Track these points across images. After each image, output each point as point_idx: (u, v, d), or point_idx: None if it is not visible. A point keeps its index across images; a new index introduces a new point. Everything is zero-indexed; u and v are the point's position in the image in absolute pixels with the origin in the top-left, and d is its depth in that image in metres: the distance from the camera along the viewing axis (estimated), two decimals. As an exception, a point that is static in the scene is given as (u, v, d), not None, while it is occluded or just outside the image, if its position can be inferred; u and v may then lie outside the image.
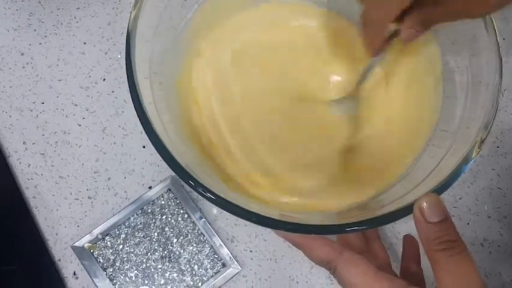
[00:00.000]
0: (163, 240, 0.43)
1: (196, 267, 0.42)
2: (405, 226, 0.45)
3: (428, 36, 0.40)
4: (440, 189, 0.32)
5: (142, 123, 0.32)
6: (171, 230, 0.43)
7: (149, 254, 0.43)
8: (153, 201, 0.44)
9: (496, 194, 0.46)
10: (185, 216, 0.44)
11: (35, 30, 0.49)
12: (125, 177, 0.45)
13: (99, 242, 0.43)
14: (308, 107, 0.43)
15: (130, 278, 0.42)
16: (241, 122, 0.41)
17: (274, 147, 0.41)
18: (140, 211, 0.44)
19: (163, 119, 0.36)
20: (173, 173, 0.44)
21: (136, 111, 0.32)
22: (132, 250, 0.43)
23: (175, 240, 0.43)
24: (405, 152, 0.40)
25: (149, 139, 0.32)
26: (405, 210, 0.31)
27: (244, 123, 0.41)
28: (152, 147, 0.31)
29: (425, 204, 0.29)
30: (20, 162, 0.46)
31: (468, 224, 0.45)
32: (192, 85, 0.42)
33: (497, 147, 0.48)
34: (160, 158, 0.31)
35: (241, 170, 0.40)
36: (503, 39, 0.50)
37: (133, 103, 0.32)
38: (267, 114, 0.42)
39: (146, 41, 0.37)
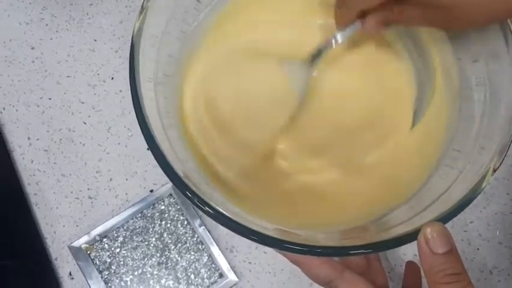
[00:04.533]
0: (161, 246, 0.42)
1: (192, 276, 0.41)
2: (410, 248, 0.43)
3: (447, 52, 0.39)
4: (449, 215, 0.30)
5: (142, 130, 0.31)
6: (170, 236, 0.42)
7: (146, 259, 0.42)
8: (153, 205, 0.43)
9: (509, 219, 0.44)
10: (185, 222, 0.43)
11: (46, 24, 0.48)
12: (127, 179, 0.45)
13: (96, 244, 0.42)
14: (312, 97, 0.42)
15: (125, 282, 0.41)
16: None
17: (285, 136, 0.40)
18: (139, 215, 0.43)
19: (166, 123, 0.35)
20: (175, 178, 0.43)
21: (136, 114, 0.31)
22: (129, 254, 0.42)
23: (173, 246, 0.42)
24: (416, 169, 0.38)
25: (148, 146, 0.31)
26: (414, 235, 0.30)
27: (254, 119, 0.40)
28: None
29: (430, 233, 0.28)
30: (24, 158, 0.45)
31: (478, 249, 0.44)
32: (196, 91, 0.41)
33: (514, 170, 0.46)
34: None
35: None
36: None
37: (135, 109, 0.31)
38: (269, 111, 0.41)
39: (154, 43, 0.36)
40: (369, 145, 0.40)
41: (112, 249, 0.42)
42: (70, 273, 0.43)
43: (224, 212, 0.31)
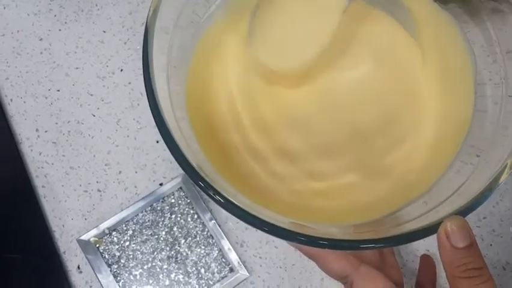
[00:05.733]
0: (171, 239, 0.42)
1: (202, 270, 0.41)
2: (423, 243, 0.43)
3: (460, 44, 0.38)
4: (464, 211, 0.30)
5: (154, 118, 0.30)
6: (180, 229, 0.42)
7: (155, 253, 0.41)
8: (163, 198, 0.43)
9: (523, 215, 0.44)
10: (195, 216, 0.42)
11: (55, 15, 0.48)
12: (136, 172, 0.44)
13: (105, 237, 0.42)
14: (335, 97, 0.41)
15: (135, 276, 0.41)
16: (263, 119, 0.40)
17: (299, 137, 0.40)
18: (149, 208, 0.42)
19: (178, 115, 0.35)
20: (185, 171, 0.43)
21: (150, 104, 0.31)
22: (138, 248, 0.42)
23: (183, 240, 0.42)
24: (433, 164, 0.38)
25: (161, 134, 0.30)
26: (428, 231, 0.29)
27: (265, 119, 0.40)
28: (166, 143, 0.30)
29: (450, 226, 0.27)
30: (32, 150, 0.45)
31: (491, 245, 0.43)
32: (211, 81, 0.40)
33: (528, 166, 0.45)
34: (173, 154, 0.30)
35: (264, 163, 0.38)
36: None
37: (147, 96, 0.31)
38: (292, 109, 0.40)
39: (165, 33, 0.35)
40: (387, 147, 0.39)
41: (121, 242, 0.42)
42: (79, 267, 0.42)
43: (236, 203, 0.30)
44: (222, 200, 0.29)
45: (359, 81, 0.41)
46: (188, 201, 0.42)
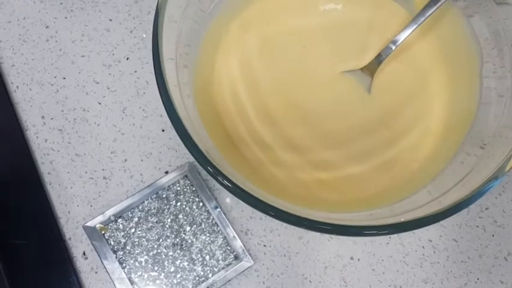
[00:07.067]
0: (176, 227, 0.42)
1: (207, 257, 0.41)
2: (426, 232, 0.43)
3: (468, 37, 0.39)
4: (467, 202, 0.30)
5: (164, 104, 0.30)
6: (185, 217, 0.42)
7: (161, 240, 0.42)
8: (169, 186, 0.43)
9: (525, 207, 0.44)
10: (200, 204, 0.42)
11: (61, 3, 0.48)
12: (142, 160, 0.44)
13: (111, 224, 0.42)
14: (338, 87, 0.42)
15: (140, 263, 0.41)
16: (268, 108, 0.40)
17: (303, 127, 0.40)
18: (154, 196, 0.43)
19: (187, 102, 0.35)
20: (191, 159, 0.43)
21: (159, 91, 0.31)
22: (144, 235, 0.42)
23: (188, 228, 0.42)
24: (437, 155, 0.38)
25: (171, 121, 0.30)
26: (431, 219, 0.30)
27: (270, 108, 0.40)
28: (172, 131, 0.30)
29: None
30: (37, 137, 0.45)
31: (493, 235, 0.43)
32: (217, 70, 0.41)
33: (530, 158, 0.45)
34: (179, 142, 0.30)
35: (269, 152, 0.39)
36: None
37: (157, 83, 0.31)
38: (295, 99, 0.41)
39: (174, 21, 0.35)
40: (393, 138, 0.40)
41: (127, 229, 0.42)
42: (84, 253, 0.42)
43: (243, 187, 0.30)
44: (230, 185, 0.30)
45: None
46: (194, 189, 0.43)
